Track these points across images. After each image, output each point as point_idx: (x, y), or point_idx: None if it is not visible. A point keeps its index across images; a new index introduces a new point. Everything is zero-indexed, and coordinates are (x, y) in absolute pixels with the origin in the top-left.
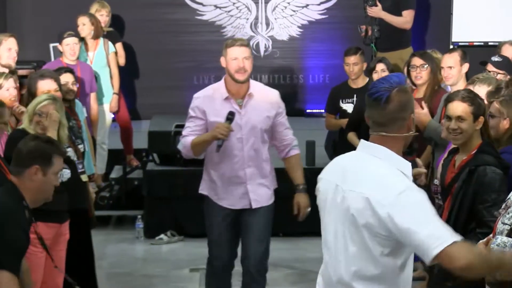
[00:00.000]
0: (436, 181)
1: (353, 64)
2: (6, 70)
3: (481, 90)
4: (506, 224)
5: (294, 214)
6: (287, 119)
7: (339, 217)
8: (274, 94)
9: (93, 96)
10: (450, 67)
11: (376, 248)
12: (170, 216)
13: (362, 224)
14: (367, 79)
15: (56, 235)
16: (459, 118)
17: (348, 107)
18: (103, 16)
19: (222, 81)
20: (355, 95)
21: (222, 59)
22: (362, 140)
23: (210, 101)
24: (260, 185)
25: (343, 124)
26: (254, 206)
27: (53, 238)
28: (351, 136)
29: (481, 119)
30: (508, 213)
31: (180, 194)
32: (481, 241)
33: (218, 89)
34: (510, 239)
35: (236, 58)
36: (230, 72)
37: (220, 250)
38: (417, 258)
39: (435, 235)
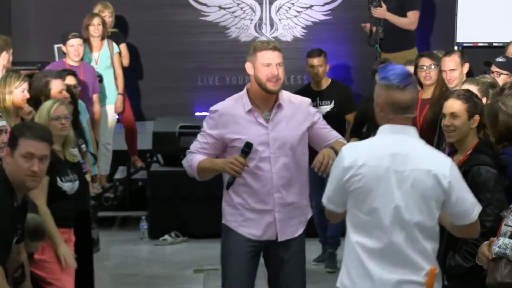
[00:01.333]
0: None
1: (318, 65)
2: None
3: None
4: (510, 226)
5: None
6: (325, 123)
7: (400, 195)
8: (306, 102)
9: (95, 97)
10: (452, 70)
11: (436, 215)
12: (174, 217)
13: (430, 196)
14: (330, 80)
15: (67, 240)
16: (453, 115)
17: None
18: (106, 17)
19: (244, 90)
20: (317, 98)
21: (248, 65)
22: (388, 125)
23: (229, 115)
24: (291, 215)
25: None
26: (280, 238)
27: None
28: (353, 141)
29: (477, 117)
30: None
31: (184, 195)
32: (484, 242)
33: (239, 99)
34: (511, 240)
35: (269, 65)
36: (260, 80)
37: (237, 286)
38: None
39: (475, 202)
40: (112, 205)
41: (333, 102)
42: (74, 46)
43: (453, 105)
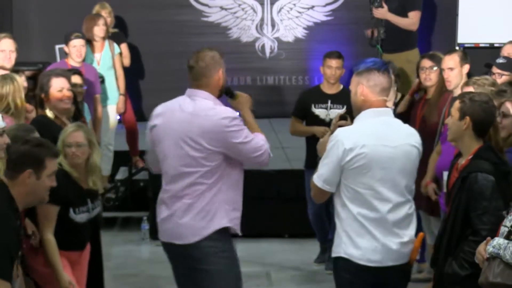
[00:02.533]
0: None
1: (336, 67)
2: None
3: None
4: (507, 226)
5: None
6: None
7: (396, 167)
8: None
9: (97, 98)
10: (451, 69)
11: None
12: None
13: (415, 163)
14: (342, 86)
15: (76, 261)
16: (450, 114)
17: (321, 112)
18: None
19: None
20: (329, 101)
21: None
22: (371, 110)
23: None
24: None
25: (312, 131)
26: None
27: (73, 263)
28: None
29: (467, 119)
30: (510, 215)
31: None
32: (483, 242)
33: None
34: (506, 241)
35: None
36: None
37: None
38: (423, 259)
39: None
40: (113, 205)
41: (345, 107)
42: (76, 46)
43: (455, 104)
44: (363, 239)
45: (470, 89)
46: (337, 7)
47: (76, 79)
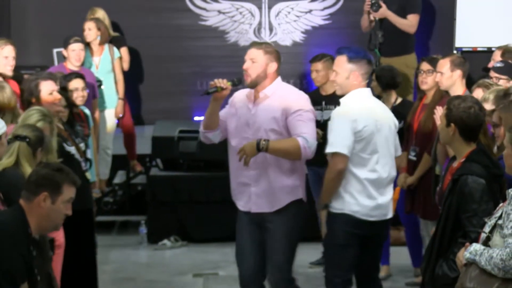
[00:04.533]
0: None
1: (315, 70)
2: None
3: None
4: (485, 232)
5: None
6: (300, 122)
7: (387, 136)
8: (292, 97)
9: (94, 102)
10: (441, 73)
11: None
12: (173, 221)
13: (395, 133)
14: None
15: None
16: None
17: (317, 114)
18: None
19: None
20: (323, 102)
21: None
22: (363, 90)
23: (241, 98)
24: (267, 190)
25: None
26: (253, 210)
27: None
28: None
29: (453, 126)
30: (490, 220)
31: (183, 200)
32: (462, 248)
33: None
34: (482, 247)
35: (244, 61)
36: None
37: (239, 257)
38: (418, 264)
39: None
40: (111, 209)
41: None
42: (75, 50)
43: (443, 110)
44: (365, 198)
45: (479, 92)
46: (335, 11)
47: (78, 82)
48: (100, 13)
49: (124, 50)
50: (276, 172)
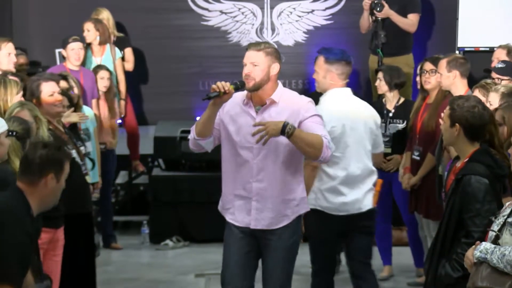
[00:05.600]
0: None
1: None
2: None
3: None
4: (494, 231)
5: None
6: (316, 125)
7: (361, 136)
8: (301, 102)
9: (94, 102)
10: (440, 73)
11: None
12: (175, 221)
13: (372, 130)
14: None
15: (52, 240)
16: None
17: None
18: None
19: None
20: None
21: None
22: (340, 89)
23: (233, 104)
24: (272, 206)
25: None
26: (254, 226)
27: (49, 243)
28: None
29: (457, 126)
30: (498, 219)
31: (185, 200)
32: (472, 247)
33: (244, 94)
34: (492, 245)
35: (245, 64)
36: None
37: (229, 273)
38: (421, 264)
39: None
40: (113, 209)
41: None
42: (74, 50)
43: (446, 110)
44: (334, 195)
45: (476, 93)
46: (337, 11)
47: (62, 84)
48: (105, 14)
49: (129, 51)
50: (284, 184)
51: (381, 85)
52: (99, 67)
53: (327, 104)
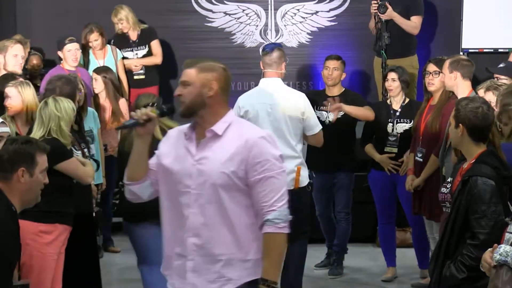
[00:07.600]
0: (444, 190)
1: (333, 68)
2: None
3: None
4: (510, 233)
5: None
6: (276, 178)
7: (278, 121)
8: (250, 140)
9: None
10: (444, 74)
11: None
12: None
13: (296, 120)
14: (344, 89)
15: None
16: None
17: (322, 114)
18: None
19: None
20: (329, 103)
21: None
22: (268, 78)
23: (178, 135)
24: (210, 268)
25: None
26: None
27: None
28: (369, 148)
29: (461, 127)
30: None
31: None
32: (489, 249)
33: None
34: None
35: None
36: None
37: None
38: (425, 265)
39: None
40: (117, 210)
41: None
42: (71, 51)
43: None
44: None
45: (481, 93)
46: (341, 13)
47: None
48: (123, 13)
49: (155, 43)
50: (230, 241)
51: (395, 86)
52: (99, 68)
53: (253, 90)
